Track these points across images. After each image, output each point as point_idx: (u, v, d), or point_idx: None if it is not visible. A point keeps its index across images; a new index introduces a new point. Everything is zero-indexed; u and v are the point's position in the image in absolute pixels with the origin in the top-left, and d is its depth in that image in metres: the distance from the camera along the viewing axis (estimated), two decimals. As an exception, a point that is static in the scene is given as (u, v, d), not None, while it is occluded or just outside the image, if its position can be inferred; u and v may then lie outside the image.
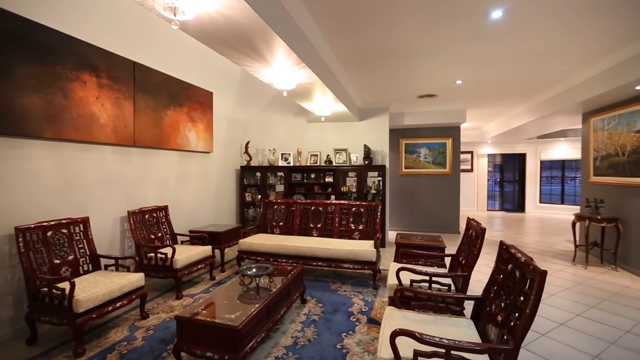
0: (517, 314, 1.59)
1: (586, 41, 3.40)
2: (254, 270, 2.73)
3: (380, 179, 6.02)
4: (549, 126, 7.39)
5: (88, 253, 3.09)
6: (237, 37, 2.60)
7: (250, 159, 6.35)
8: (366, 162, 6.06)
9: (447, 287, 2.59)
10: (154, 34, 3.92)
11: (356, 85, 5.14)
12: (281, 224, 4.85)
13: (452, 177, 7.25)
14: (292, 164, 6.38)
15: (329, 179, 6.18)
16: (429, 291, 2.45)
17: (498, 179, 11.67)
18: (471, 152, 11.04)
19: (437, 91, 5.43)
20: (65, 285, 2.42)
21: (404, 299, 2.49)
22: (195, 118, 4.81)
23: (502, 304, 1.79)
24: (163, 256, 3.44)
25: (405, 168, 7.50)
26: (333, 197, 6.05)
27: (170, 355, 2.36)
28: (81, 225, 3.10)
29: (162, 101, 4.19)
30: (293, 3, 2.70)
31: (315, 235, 4.65)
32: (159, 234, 4.02)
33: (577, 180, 10.16)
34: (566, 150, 10.16)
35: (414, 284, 2.57)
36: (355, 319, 2.99)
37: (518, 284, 1.68)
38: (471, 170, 11.08)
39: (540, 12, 2.80)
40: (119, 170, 3.69)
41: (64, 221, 2.94)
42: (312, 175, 6.37)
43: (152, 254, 3.51)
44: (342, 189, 6.09)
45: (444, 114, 6.84)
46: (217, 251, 4.51)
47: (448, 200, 7.27)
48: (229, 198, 6.11)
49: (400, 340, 1.58)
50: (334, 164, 6.27)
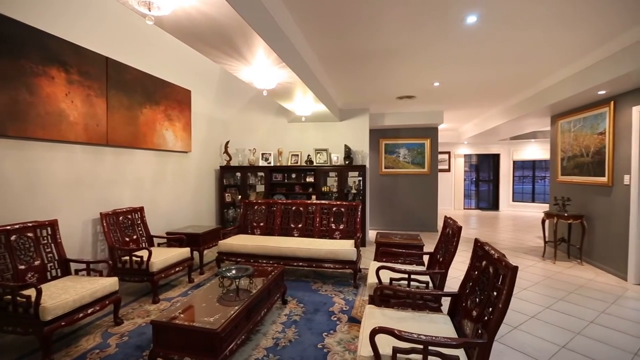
0: (490, 309, 1.64)
1: (555, 48, 3.57)
2: (234, 271, 2.69)
3: (361, 178, 6.08)
4: (521, 128, 7.71)
5: (56, 257, 2.94)
6: (215, 34, 2.55)
7: (230, 158, 6.25)
8: (347, 162, 6.10)
9: (425, 285, 2.65)
10: (128, 28, 3.79)
11: (336, 86, 5.17)
12: (262, 224, 4.81)
13: (430, 176, 7.43)
14: (272, 164, 6.33)
15: (309, 179, 6.18)
16: (408, 289, 2.50)
17: (474, 179, 12.06)
18: (448, 153, 11.36)
19: (416, 92, 5.54)
20: (31, 292, 2.28)
21: (383, 297, 2.52)
22: (172, 117, 4.68)
23: (477, 299, 1.85)
24: (138, 259, 3.32)
25: (385, 168, 7.61)
26: (314, 197, 6.06)
27: (146, 362, 2.29)
28: (49, 229, 2.94)
29: (138, 99, 4.05)
30: (273, 1, 2.68)
31: (296, 235, 4.64)
32: (134, 237, 3.88)
33: (547, 180, 10.67)
34: (536, 151, 10.64)
35: (393, 282, 2.61)
36: (336, 318, 3.01)
37: (492, 280, 1.74)
38: (449, 170, 11.40)
39: (511, 19, 2.92)
40: (91, 170, 3.53)
41: (30, 224, 2.79)
42: (293, 175, 6.35)
43: (127, 257, 3.38)
44: (323, 188, 6.11)
45: (423, 115, 7.00)
46: (195, 253, 4.42)
47: (427, 200, 7.44)
48: (208, 199, 5.98)
49: (380, 338, 1.60)
50: (314, 164, 6.27)
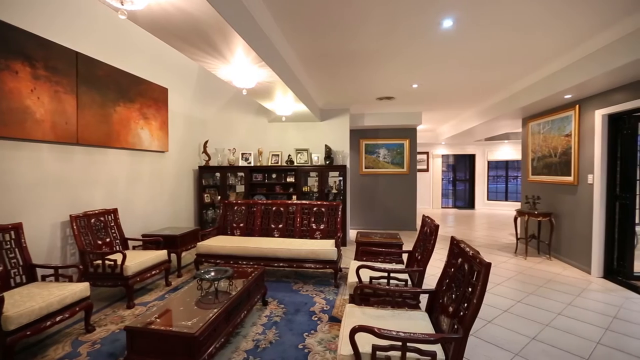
0: (466, 304, 1.70)
1: (526, 53, 3.74)
2: (213, 273, 2.64)
3: (341, 178, 6.12)
4: (495, 129, 8.01)
5: (21, 263, 2.77)
6: (192, 31, 2.49)
7: (209, 158, 6.13)
8: (327, 162, 6.13)
9: (404, 282, 2.70)
10: (101, 22, 3.63)
11: (317, 86, 5.18)
12: (242, 225, 4.74)
13: (409, 176, 7.59)
14: (252, 164, 6.26)
15: (290, 179, 6.16)
16: (387, 287, 2.54)
17: (451, 178, 12.43)
18: (427, 153, 11.63)
19: (395, 94, 5.64)
20: (-8, 300, 2.15)
21: (363, 295, 2.55)
22: (148, 115, 4.53)
23: (453, 295, 1.91)
24: (112, 263, 3.19)
25: (365, 168, 7.70)
26: (295, 197, 6.04)
27: (119, 369, 2.21)
28: (12, 233, 2.77)
29: (111, 96, 3.89)
30: (252, 0, 2.65)
31: (276, 235, 4.61)
32: (108, 240, 3.73)
33: (519, 179, 11.13)
34: (509, 151, 11.09)
35: (373, 280, 2.65)
36: (317, 318, 3.01)
37: (467, 276, 1.80)
38: (427, 170, 11.68)
39: (485, 24, 3.03)
40: (60, 170, 3.36)
41: (-9, 228, 2.62)
42: (274, 176, 6.31)
43: (99, 261, 3.24)
44: (304, 188, 6.11)
45: (402, 116, 7.13)
46: (173, 255, 4.31)
47: (406, 199, 7.59)
48: (187, 199, 5.84)
49: (360, 337, 1.62)
50: (295, 164, 6.26)
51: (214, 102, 6.19)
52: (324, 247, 3.91)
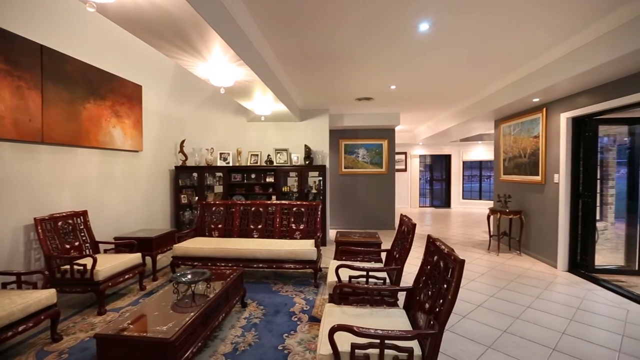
0: (441, 301, 1.75)
1: (497, 57, 3.89)
2: (190, 276, 2.58)
3: (321, 178, 6.14)
4: (469, 130, 8.30)
5: (-20, 270, 2.59)
6: (167, 27, 2.42)
7: (186, 158, 5.97)
8: (307, 162, 6.13)
9: (382, 281, 2.74)
10: (69, 15, 3.45)
11: (297, 86, 5.17)
12: (220, 226, 4.66)
13: (388, 176, 7.72)
14: (231, 164, 6.16)
15: (269, 179, 6.11)
16: (366, 286, 2.57)
17: (428, 178, 12.75)
18: (405, 153, 11.88)
19: (374, 95, 5.72)
20: (-54, 310, 2.00)
21: (342, 295, 2.57)
22: (121, 113, 4.36)
23: (430, 292, 1.96)
24: (81, 268, 3.05)
25: (344, 168, 7.76)
26: (274, 197, 6.00)
27: (89, 379, 2.11)
28: (-30, 237, 2.59)
29: (80, 93, 3.71)
30: (230, -3, 2.61)
31: (255, 236, 4.56)
32: (77, 243, 3.56)
33: (491, 179, 11.59)
34: (483, 152, 11.52)
35: (352, 279, 2.68)
36: (297, 319, 3.00)
37: (442, 273, 1.85)
38: (405, 170, 11.92)
39: (459, 29, 3.13)
40: (23, 170, 3.17)
41: (-55, 233, 2.43)
42: (253, 176, 6.23)
43: (68, 266, 3.08)
44: (283, 189, 6.08)
45: (381, 116, 7.24)
46: (148, 259, 4.17)
47: (385, 198, 7.72)
48: (162, 200, 5.66)
49: (339, 336, 1.63)
50: (274, 164, 6.21)
51: (191, 101, 6.03)
52: (303, 247, 3.91)
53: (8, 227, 3.04)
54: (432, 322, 1.76)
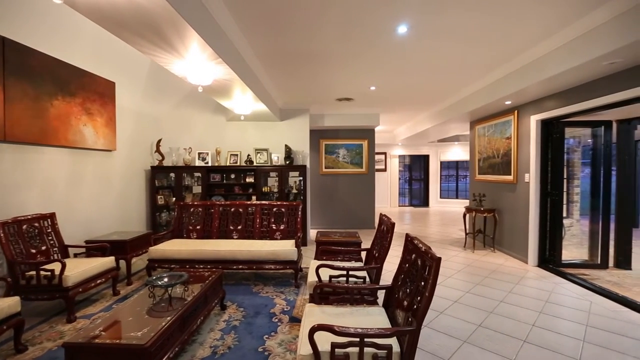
0: (419, 298, 1.79)
1: (472, 61, 4.02)
2: (166, 279, 2.51)
3: (302, 178, 6.13)
4: (446, 131, 8.53)
5: None
6: (140, 22, 2.33)
7: (163, 158, 5.80)
8: (287, 162, 6.10)
9: (362, 280, 2.77)
10: (34, 6, 3.26)
11: (277, 86, 5.13)
12: (198, 227, 4.55)
13: (368, 176, 7.81)
14: (210, 164, 6.04)
15: (249, 180, 6.04)
16: (346, 285, 2.59)
17: (407, 178, 13.01)
18: (385, 153, 12.06)
19: (354, 95, 5.77)
20: None
21: (323, 294, 2.58)
22: (92, 111, 4.17)
23: (408, 290, 2.00)
24: (48, 273, 2.89)
25: (325, 168, 7.78)
26: (254, 197, 5.94)
27: (58, 390, 2.01)
28: None
29: (47, 89, 3.52)
30: (207, -6, 2.55)
31: (235, 237, 4.49)
32: (43, 247, 3.37)
33: (467, 178, 11.97)
34: (459, 152, 11.88)
35: (332, 279, 2.69)
36: (277, 320, 2.98)
37: (420, 271, 1.89)
38: (385, 170, 12.10)
39: (437, 32, 3.21)
40: (-17, 171, 2.97)
41: None
42: (232, 176, 6.14)
43: (33, 272, 2.92)
44: (264, 189, 6.02)
45: (361, 117, 7.31)
46: (122, 262, 4.01)
47: (365, 198, 7.80)
48: (138, 202, 5.46)
49: (319, 335, 1.64)
50: (255, 164, 6.15)
51: (167, 99, 5.86)
52: (284, 247, 3.88)
53: (-34, 231, 2.84)
54: (410, 319, 1.80)
